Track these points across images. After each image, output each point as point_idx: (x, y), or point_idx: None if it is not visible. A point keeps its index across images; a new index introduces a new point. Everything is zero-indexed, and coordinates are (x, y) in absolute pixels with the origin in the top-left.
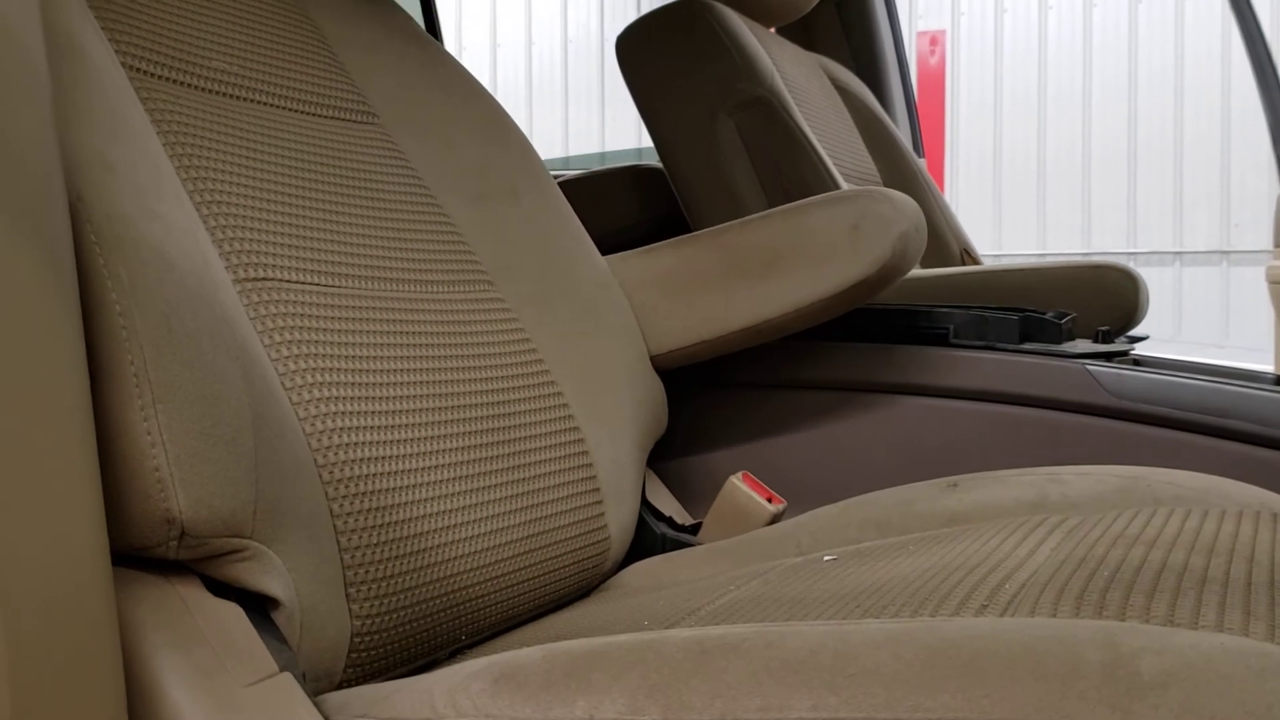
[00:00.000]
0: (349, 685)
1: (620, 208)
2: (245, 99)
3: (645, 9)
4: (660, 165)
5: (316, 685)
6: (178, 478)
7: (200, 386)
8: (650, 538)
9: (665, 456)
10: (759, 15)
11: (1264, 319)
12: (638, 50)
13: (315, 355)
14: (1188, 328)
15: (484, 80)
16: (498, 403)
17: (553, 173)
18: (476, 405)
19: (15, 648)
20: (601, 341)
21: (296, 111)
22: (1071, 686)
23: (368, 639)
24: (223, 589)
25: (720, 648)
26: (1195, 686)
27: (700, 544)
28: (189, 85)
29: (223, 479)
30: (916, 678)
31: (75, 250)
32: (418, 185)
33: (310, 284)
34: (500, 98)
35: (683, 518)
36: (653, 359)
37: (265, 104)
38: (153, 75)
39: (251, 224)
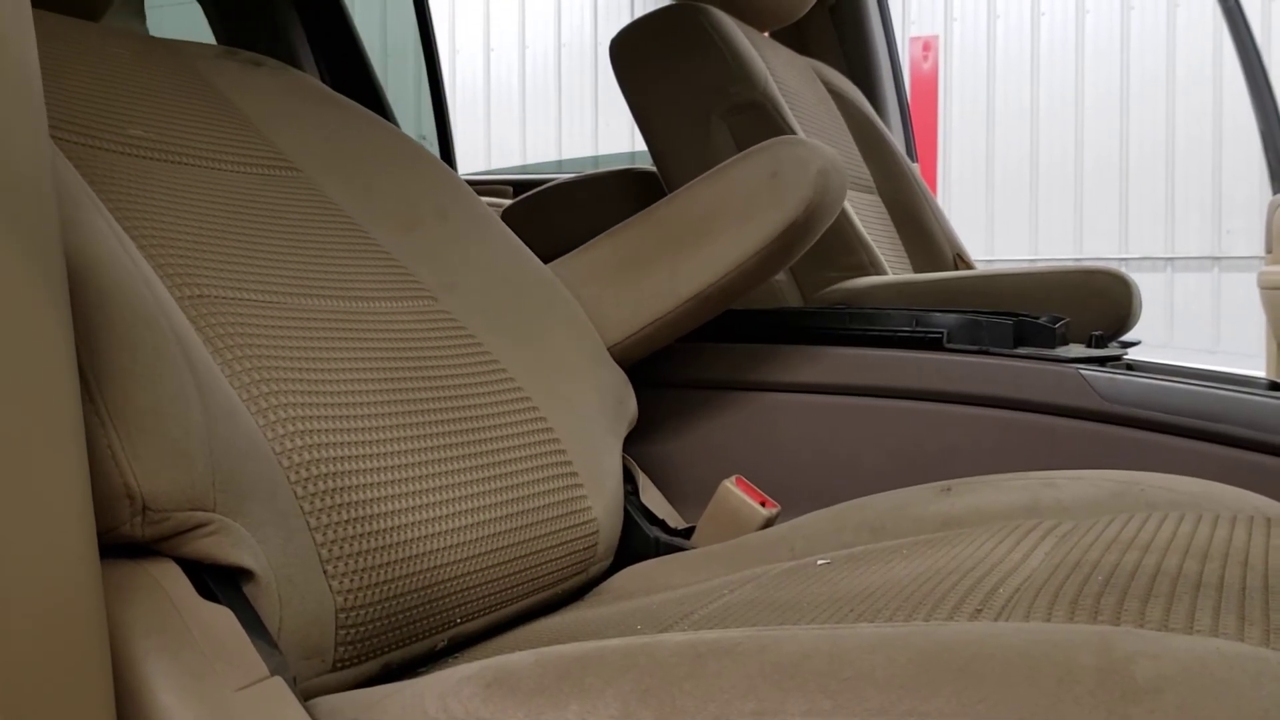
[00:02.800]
0: (345, 666)
1: (614, 211)
2: (163, 160)
3: (639, 12)
4: (654, 168)
5: (310, 665)
6: (129, 453)
7: (141, 366)
8: (643, 542)
9: (658, 460)
10: (752, 19)
11: (1255, 325)
12: (631, 54)
13: (259, 357)
14: (1180, 333)
15: (478, 84)
16: (454, 397)
17: (546, 176)
18: (431, 399)
19: (4, 651)
20: (553, 337)
21: (216, 170)
22: (1066, 691)
23: (354, 615)
24: (209, 591)
25: (714, 652)
26: (1190, 691)
27: (694, 548)
28: (105, 149)
29: (174, 451)
30: (911, 682)
31: None
32: (348, 224)
33: (247, 299)
34: (493, 101)
35: (676, 522)
36: (610, 350)
37: (184, 164)
38: (68, 141)
39: (181, 251)
